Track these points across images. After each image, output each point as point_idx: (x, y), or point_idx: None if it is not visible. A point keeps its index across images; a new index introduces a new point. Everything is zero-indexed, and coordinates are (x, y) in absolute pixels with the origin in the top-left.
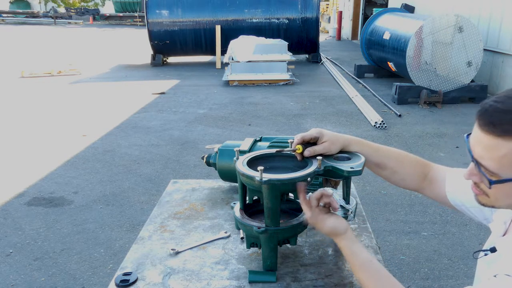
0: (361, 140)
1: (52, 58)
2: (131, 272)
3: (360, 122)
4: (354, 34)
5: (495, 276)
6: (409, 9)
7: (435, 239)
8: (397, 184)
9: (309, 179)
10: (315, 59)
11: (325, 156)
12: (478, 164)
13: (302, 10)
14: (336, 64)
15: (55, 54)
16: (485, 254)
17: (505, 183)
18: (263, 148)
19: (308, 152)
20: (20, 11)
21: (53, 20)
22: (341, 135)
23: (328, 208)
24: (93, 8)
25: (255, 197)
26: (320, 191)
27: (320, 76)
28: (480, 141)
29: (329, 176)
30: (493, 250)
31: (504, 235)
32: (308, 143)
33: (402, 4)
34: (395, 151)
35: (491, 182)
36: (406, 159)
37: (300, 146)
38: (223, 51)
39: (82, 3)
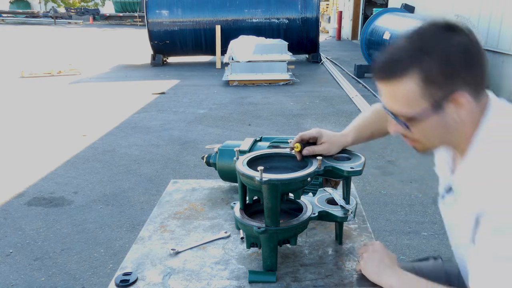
0: (354, 133)
1: (52, 58)
2: (131, 272)
3: None
4: (354, 34)
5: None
6: (409, 9)
7: (435, 239)
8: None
9: (309, 179)
10: (315, 59)
11: (325, 156)
12: (392, 114)
13: (302, 10)
14: (336, 64)
15: (55, 54)
16: (443, 197)
17: (420, 120)
18: (263, 148)
19: (306, 151)
20: (20, 11)
21: (53, 20)
22: (340, 135)
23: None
24: (93, 8)
25: (255, 197)
26: None
27: (320, 76)
28: (382, 92)
29: (329, 176)
30: (448, 190)
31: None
32: (307, 142)
33: (402, 4)
34: (370, 118)
35: (407, 126)
36: (380, 115)
37: (298, 145)
38: (223, 51)
39: (82, 3)
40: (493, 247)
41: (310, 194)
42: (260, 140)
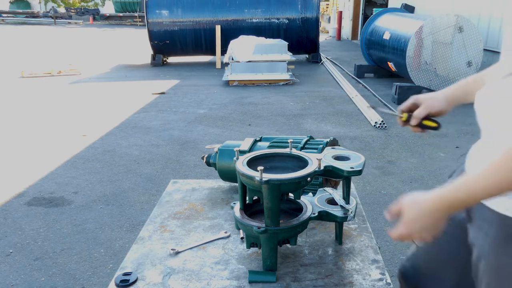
0: (458, 91)
1: (52, 58)
2: (131, 272)
3: (360, 122)
4: (354, 34)
5: None
6: (409, 9)
7: None
8: None
9: (309, 179)
10: (315, 59)
11: (325, 155)
12: None
13: (302, 10)
14: (336, 64)
15: (55, 54)
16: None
17: None
18: (263, 148)
19: (415, 120)
20: (20, 11)
21: (53, 20)
22: (438, 92)
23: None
24: (93, 8)
25: (255, 197)
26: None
27: (320, 76)
28: None
29: (329, 176)
30: None
31: None
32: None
33: (402, 4)
34: (474, 83)
35: None
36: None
37: (405, 114)
38: (223, 51)
39: (82, 3)
40: None
41: (310, 194)
42: (260, 140)
